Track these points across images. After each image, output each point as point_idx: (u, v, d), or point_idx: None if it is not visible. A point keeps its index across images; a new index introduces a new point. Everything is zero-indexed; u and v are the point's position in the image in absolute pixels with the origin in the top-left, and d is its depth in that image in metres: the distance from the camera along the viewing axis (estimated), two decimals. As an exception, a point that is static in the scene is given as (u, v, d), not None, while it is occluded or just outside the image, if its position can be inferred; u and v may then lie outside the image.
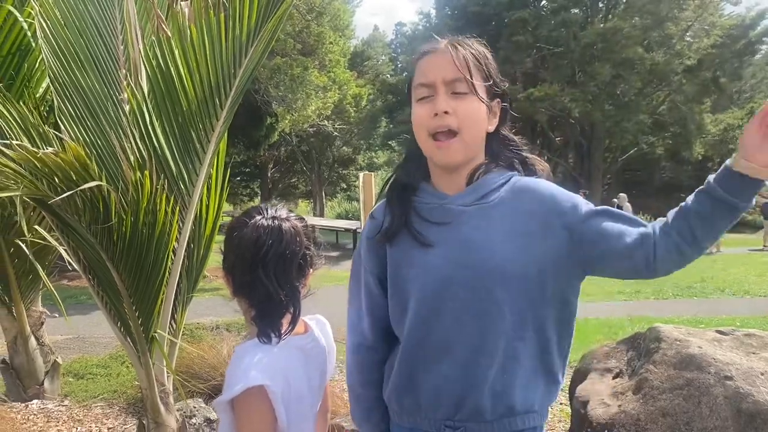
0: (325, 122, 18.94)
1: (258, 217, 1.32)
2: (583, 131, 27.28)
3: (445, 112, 1.30)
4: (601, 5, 26.96)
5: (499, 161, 1.41)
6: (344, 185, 38.23)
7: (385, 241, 1.40)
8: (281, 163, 31.53)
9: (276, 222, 1.31)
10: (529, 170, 1.43)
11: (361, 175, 8.98)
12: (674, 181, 42.99)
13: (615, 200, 16.20)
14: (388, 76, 34.43)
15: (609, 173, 33.05)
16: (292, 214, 1.36)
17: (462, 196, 1.37)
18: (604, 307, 8.63)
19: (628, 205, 15.96)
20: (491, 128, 1.39)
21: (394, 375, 1.42)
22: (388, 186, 1.48)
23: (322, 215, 31.11)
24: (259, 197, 31.48)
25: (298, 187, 36.97)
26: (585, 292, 1.43)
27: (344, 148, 33.11)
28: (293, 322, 1.33)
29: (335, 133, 23.95)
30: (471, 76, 1.31)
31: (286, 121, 15.95)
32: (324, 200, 34.93)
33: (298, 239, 1.31)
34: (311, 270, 1.39)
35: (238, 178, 30.55)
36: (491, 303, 1.30)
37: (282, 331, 1.31)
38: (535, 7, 27.63)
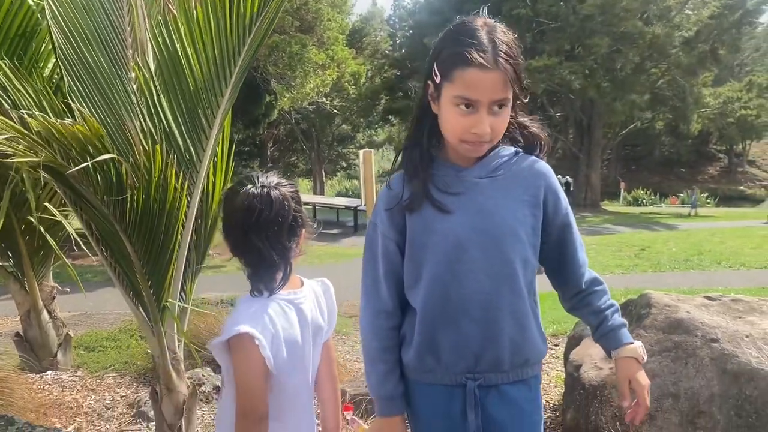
0: (324, 100, 18.93)
1: (249, 186, 1.44)
2: (583, 107, 27.22)
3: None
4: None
5: (505, 136, 1.51)
6: (344, 163, 38.30)
7: (408, 211, 1.49)
8: (281, 142, 31.57)
9: (265, 190, 1.43)
10: (530, 142, 1.55)
11: (361, 152, 9.06)
12: (673, 156, 43.18)
13: None
14: (387, 51, 34.26)
15: (609, 148, 33.04)
16: (282, 181, 1.49)
17: (476, 169, 1.48)
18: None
19: None
20: None
21: (416, 336, 1.51)
22: (404, 157, 1.54)
23: (322, 193, 31.21)
24: (259, 176, 31.43)
25: (297, 165, 37.02)
26: (583, 266, 1.63)
27: (344, 126, 33.10)
28: (284, 278, 1.48)
29: (335, 111, 23.93)
30: (515, 93, 1.38)
31: (285, 99, 16.00)
32: (324, 178, 35.00)
33: (286, 204, 1.44)
34: (303, 230, 1.52)
35: (238, 157, 30.57)
36: (505, 263, 1.45)
37: (274, 286, 1.46)
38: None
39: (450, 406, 1.51)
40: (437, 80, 1.40)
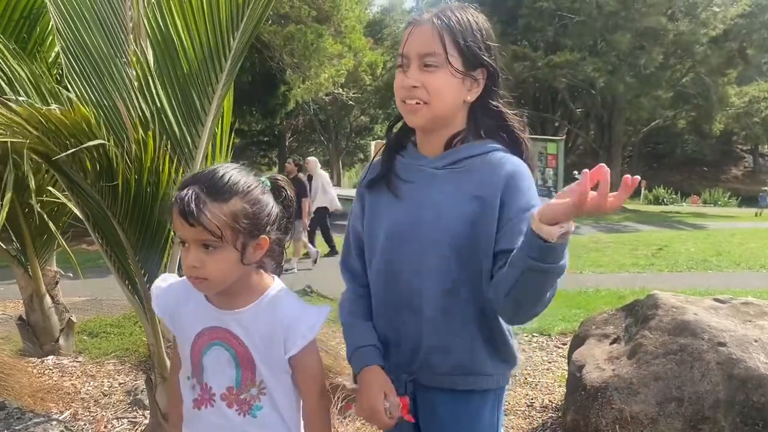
0: (340, 90, 18.84)
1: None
2: (604, 103, 26.88)
3: (414, 87, 1.33)
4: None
5: (481, 131, 1.40)
6: (361, 155, 38.26)
7: (367, 189, 1.49)
8: (299, 133, 31.68)
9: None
10: (514, 143, 1.41)
11: (373, 143, 9.06)
12: (696, 155, 42.49)
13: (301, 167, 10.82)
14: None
15: (630, 146, 32.65)
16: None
17: (436, 159, 1.41)
18: (616, 279, 8.63)
19: (322, 172, 10.78)
20: (470, 98, 1.38)
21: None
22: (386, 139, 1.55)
23: (339, 185, 31.20)
24: (276, 166, 31.65)
25: (315, 156, 37.12)
26: (598, 264, 1.49)
27: (362, 117, 33.03)
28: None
29: (351, 102, 23.85)
30: (445, 50, 1.31)
31: (300, 90, 15.93)
32: (341, 170, 35.02)
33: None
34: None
35: (257, 147, 30.66)
36: (439, 260, 1.34)
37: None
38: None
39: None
40: None
